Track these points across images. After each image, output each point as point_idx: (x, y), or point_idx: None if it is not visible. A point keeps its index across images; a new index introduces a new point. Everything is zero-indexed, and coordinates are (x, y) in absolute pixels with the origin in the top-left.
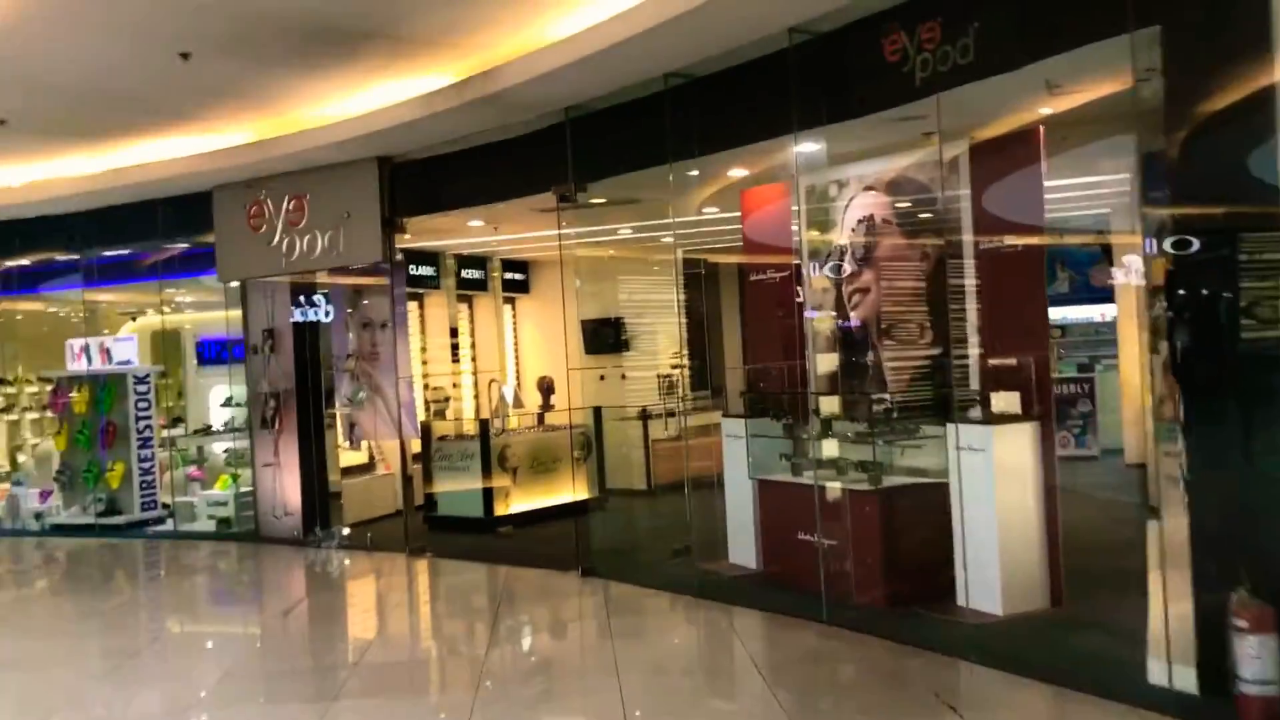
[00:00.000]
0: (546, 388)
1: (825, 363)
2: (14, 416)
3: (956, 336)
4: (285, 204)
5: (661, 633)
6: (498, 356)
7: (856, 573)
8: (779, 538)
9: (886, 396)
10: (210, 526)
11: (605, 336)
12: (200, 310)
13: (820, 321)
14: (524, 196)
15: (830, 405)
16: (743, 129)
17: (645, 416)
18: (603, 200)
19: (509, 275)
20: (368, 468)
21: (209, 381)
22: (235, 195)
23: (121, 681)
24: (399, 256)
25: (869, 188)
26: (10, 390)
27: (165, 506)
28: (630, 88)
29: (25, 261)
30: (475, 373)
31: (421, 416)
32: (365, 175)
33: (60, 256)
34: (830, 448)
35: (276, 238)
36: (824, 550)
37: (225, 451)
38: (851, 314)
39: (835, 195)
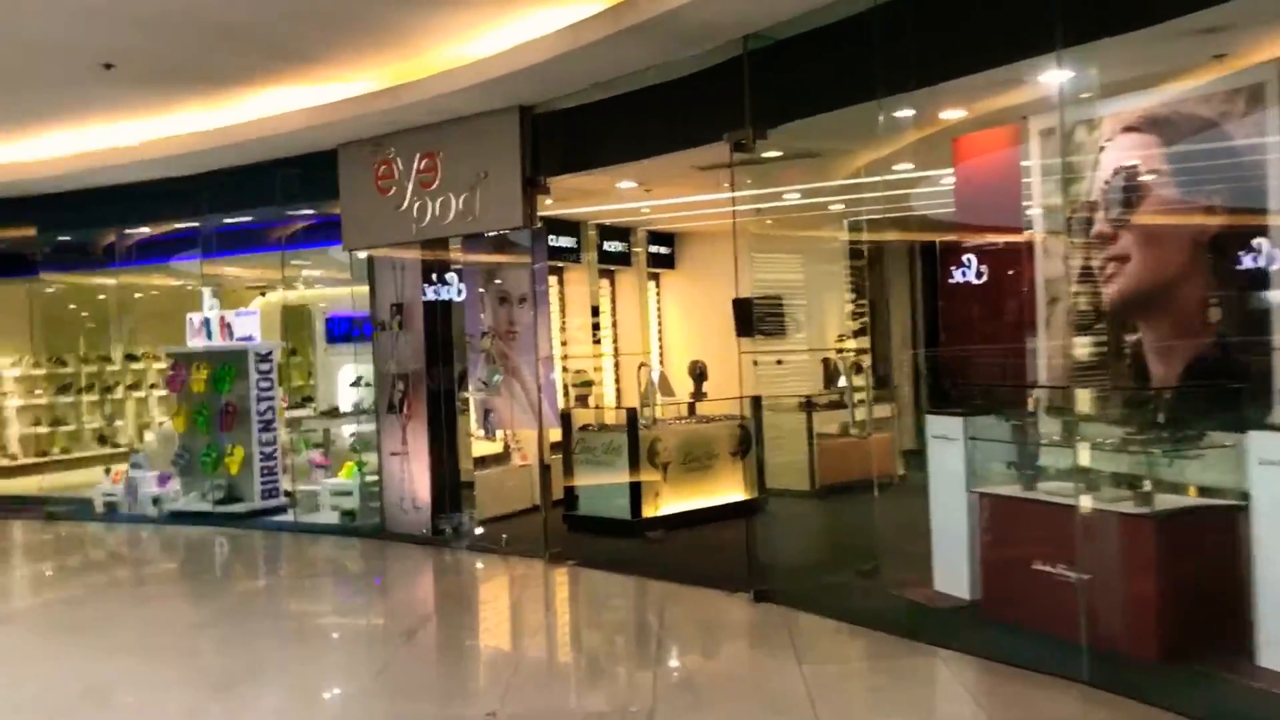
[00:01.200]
0: (699, 373)
1: (1070, 348)
2: (142, 393)
3: (1248, 319)
4: (416, 163)
5: (879, 693)
6: (640, 338)
7: (1124, 619)
8: (1005, 565)
9: (1154, 392)
10: (333, 518)
11: (760, 317)
12: (329, 286)
13: (1061, 296)
14: (689, 147)
15: (1082, 401)
16: (983, 49)
17: (809, 408)
18: (778, 154)
19: (654, 249)
20: (502, 458)
21: (339, 360)
22: (362, 154)
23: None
24: (539, 223)
25: (1130, 128)
26: (138, 366)
27: (287, 494)
28: (833, 4)
29: (145, 230)
30: (617, 355)
31: (561, 403)
32: (505, 128)
33: (180, 225)
34: (1083, 455)
35: (406, 201)
36: (1080, 587)
37: (351, 436)
38: (1103, 288)
39: (1085, 139)
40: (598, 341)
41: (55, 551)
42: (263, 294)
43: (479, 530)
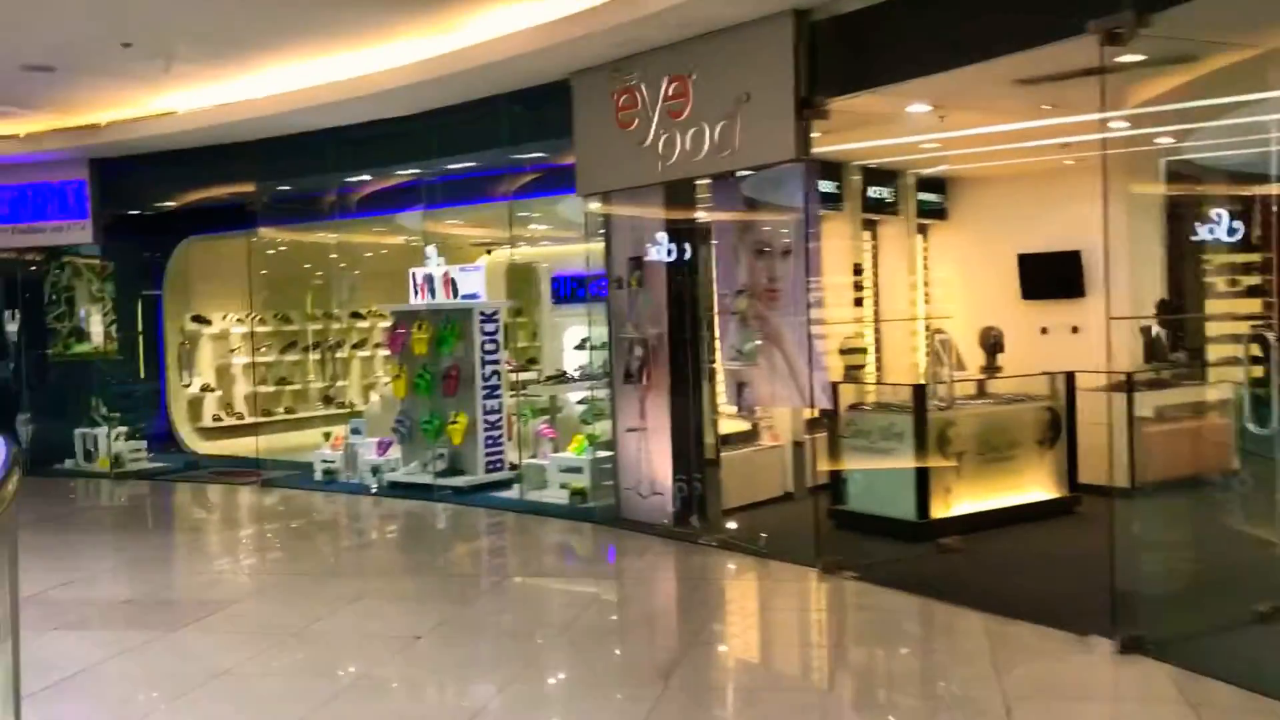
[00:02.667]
0: (993, 343)
1: None
2: (367, 352)
3: None
4: (664, 88)
5: None
6: (904, 300)
7: None
8: None
9: None
10: (561, 497)
11: (1054, 276)
12: (554, 244)
13: None
14: (1026, 47)
15: None
16: None
17: (1130, 387)
18: (1140, 59)
19: (922, 196)
20: (748, 437)
21: (564, 321)
22: (599, 82)
23: None
24: (811, 156)
25: None
26: (364, 325)
27: (513, 467)
28: None
29: (365, 178)
30: (878, 320)
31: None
32: (773, 40)
33: (401, 172)
34: None
35: (651, 135)
36: None
37: (581, 404)
38: None
39: None
40: (859, 304)
41: (260, 525)
42: (488, 252)
43: (731, 524)
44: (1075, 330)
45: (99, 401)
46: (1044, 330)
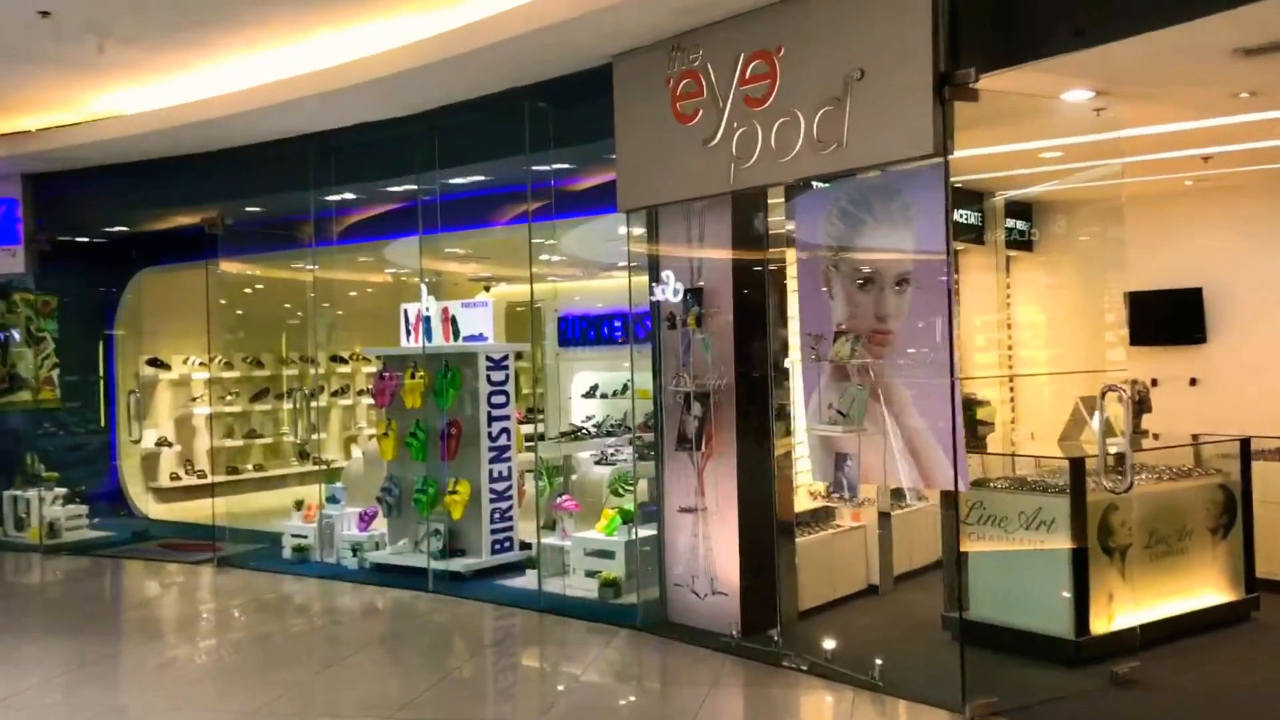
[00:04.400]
0: (1138, 401)
1: None
2: (348, 401)
3: None
4: (739, 67)
5: None
6: (990, 345)
7: None
8: None
9: None
10: (589, 589)
11: (1170, 318)
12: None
13: None
14: None
15: None
16: None
17: None
18: None
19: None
20: (823, 516)
21: (571, 366)
22: (650, 64)
23: None
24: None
25: None
26: (345, 369)
27: (524, 547)
28: None
29: (348, 195)
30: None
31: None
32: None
33: (395, 188)
34: None
35: (720, 130)
36: None
37: (601, 464)
38: None
39: None
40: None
41: (204, 629)
42: (486, 288)
43: (830, 645)
44: (1194, 383)
45: (35, 459)
46: (1154, 382)
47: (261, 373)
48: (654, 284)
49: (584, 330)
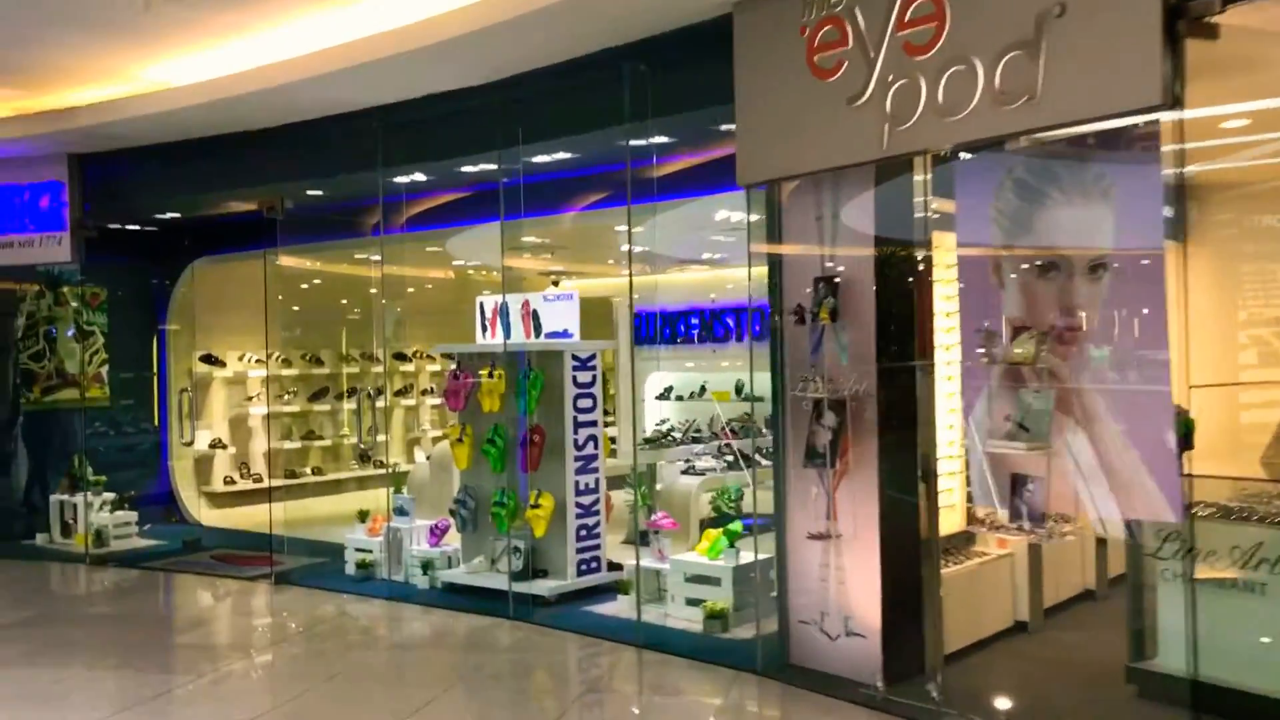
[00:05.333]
0: None
1: None
2: (411, 401)
3: None
4: (895, 10)
5: None
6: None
7: None
8: None
9: None
10: (691, 621)
11: None
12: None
13: None
14: None
15: None
16: None
17: None
18: None
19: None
20: (959, 541)
21: (645, 367)
22: (781, 12)
23: None
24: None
25: None
26: (408, 367)
27: (613, 568)
28: None
29: (418, 176)
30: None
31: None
32: None
33: (469, 168)
34: None
35: (870, 86)
36: None
37: (690, 474)
38: None
39: None
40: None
41: (256, 660)
42: (555, 283)
43: (1001, 701)
44: None
45: (83, 460)
46: None
47: (320, 370)
48: (775, 271)
49: (658, 328)
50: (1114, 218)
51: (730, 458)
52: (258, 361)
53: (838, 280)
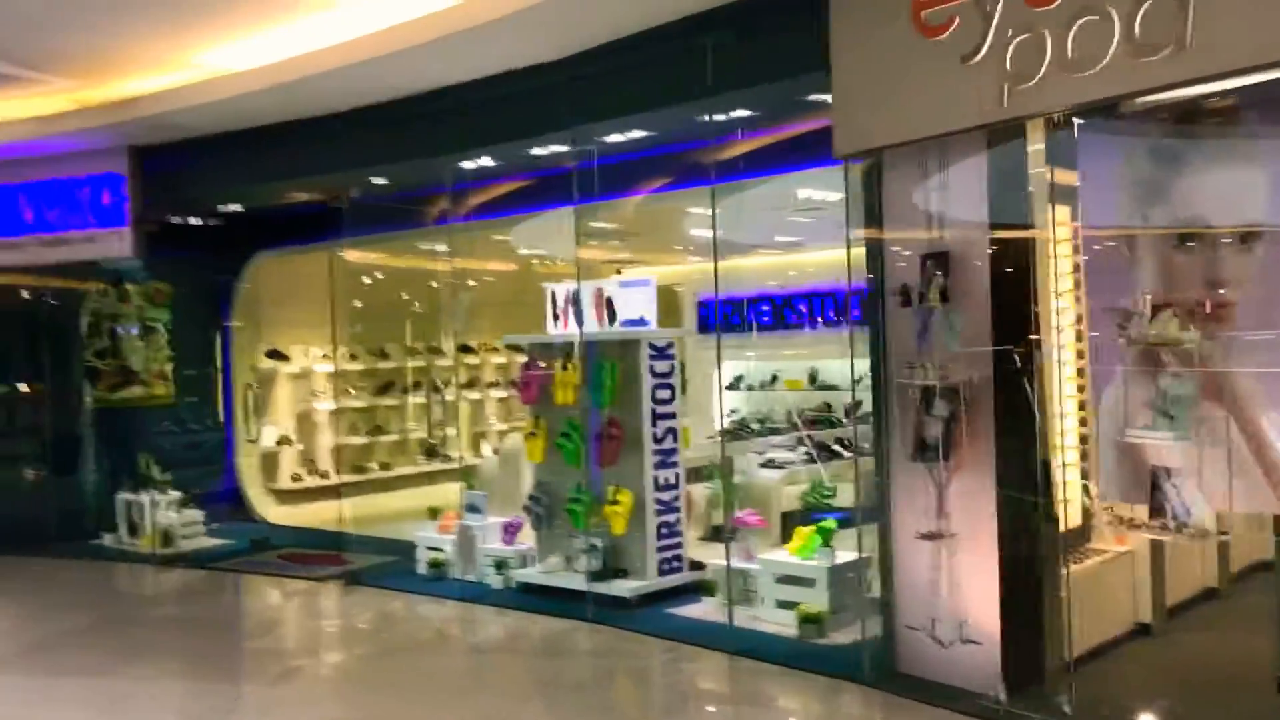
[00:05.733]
0: None
1: None
2: (476, 395)
3: None
4: None
5: None
6: None
7: None
8: None
9: None
10: (782, 623)
11: None
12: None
13: None
14: None
15: None
16: None
17: None
18: None
19: None
20: (1076, 536)
21: (709, 356)
22: None
23: None
24: None
25: None
26: (474, 360)
27: (695, 567)
28: None
29: (485, 161)
30: None
31: None
32: None
33: (538, 150)
34: None
35: (987, 42)
36: None
37: (770, 468)
38: None
39: None
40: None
41: (326, 667)
42: (618, 271)
43: (1139, 713)
44: None
45: (149, 460)
46: None
47: (386, 364)
48: (875, 250)
49: (726, 315)
50: (1269, 183)
51: (811, 450)
52: (323, 356)
53: (948, 258)
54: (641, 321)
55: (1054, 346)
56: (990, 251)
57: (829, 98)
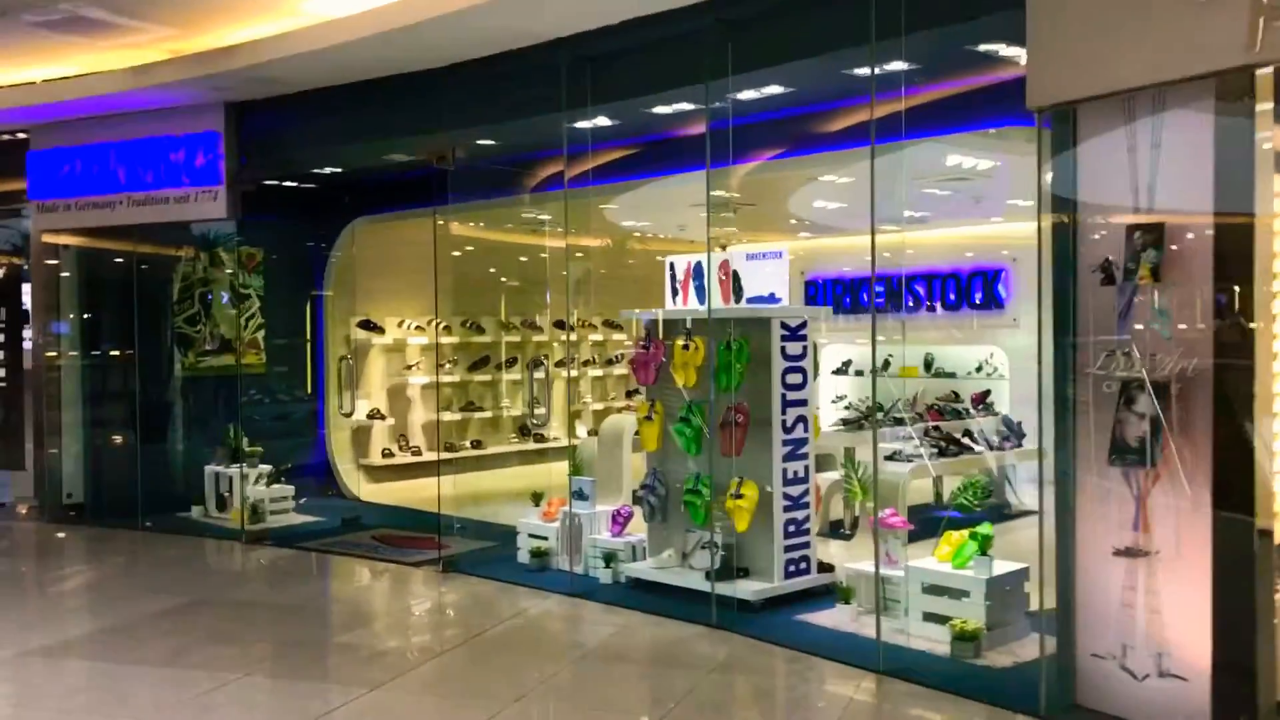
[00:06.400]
0: None
1: None
2: (573, 372)
3: None
4: None
5: None
6: None
7: None
8: None
9: None
10: (932, 639)
11: None
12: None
13: None
14: None
15: None
16: None
17: None
18: None
19: None
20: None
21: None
22: None
23: None
24: None
25: None
26: (571, 336)
27: (824, 569)
28: None
29: (603, 120)
30: None
31: None
32: None
33: (663, 108)
34: None
35: None
36: None
37: (895, 460)
38: None
39: None
40: None
41: (424, 665)
42: (723, 248)
43: None
44: None
45: (238, 431)
46: None
47: (481, 339)
48: (1067, 218)
49: (837, 296)
50: None
51: (939, 444)
52: (417, 328)
53: (1163, 230)
54: (771, 298)
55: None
56: (1214, 225)
57: (1006, 49)
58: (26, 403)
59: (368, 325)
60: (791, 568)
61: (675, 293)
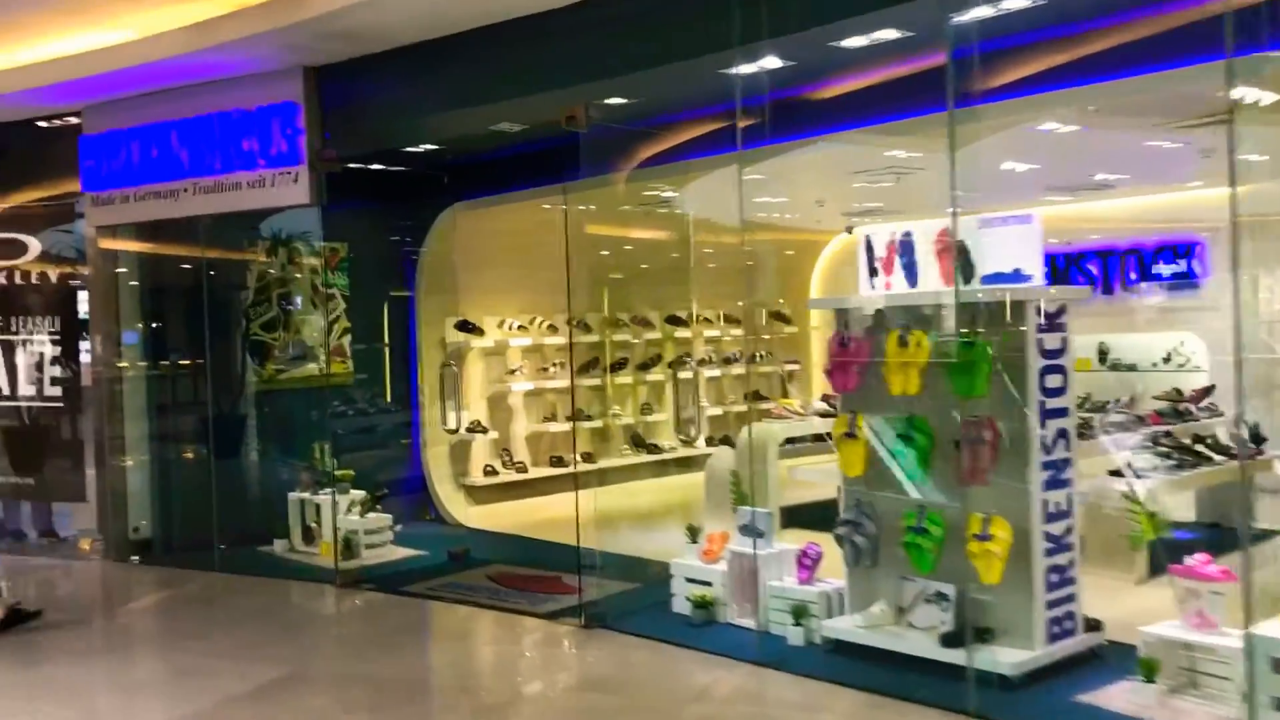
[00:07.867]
0: None
1: None
2: (686, 374)
3: None
4: None
5: None
6: None
7: None
8: None
9: None
10: None
11: None
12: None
13: None
14: None
15: None
16: None
17: None
18: None
19: None
20: None
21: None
22: None
23: None
24: None
25: None
26: (684, 334)
27: (1091, 626)
28: None
29: (774, 61)
30: None
31: None
32: None
33: (854, 40)
34: None
35: None
36: None
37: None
38: None
39: None
40: None
41: None
42: (849, 230)
43: None
44: None
45: (324, 450)
46: None
47: (587, 338)
48: None
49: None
50: None
51: (1169, 453)
52: (519, 328)
53: None
54: (1017, 275)
55: None
56: None
57: None
58: (85, 425)
59: (466, 326)
60: (1055, 628)
61: (874, 273)
